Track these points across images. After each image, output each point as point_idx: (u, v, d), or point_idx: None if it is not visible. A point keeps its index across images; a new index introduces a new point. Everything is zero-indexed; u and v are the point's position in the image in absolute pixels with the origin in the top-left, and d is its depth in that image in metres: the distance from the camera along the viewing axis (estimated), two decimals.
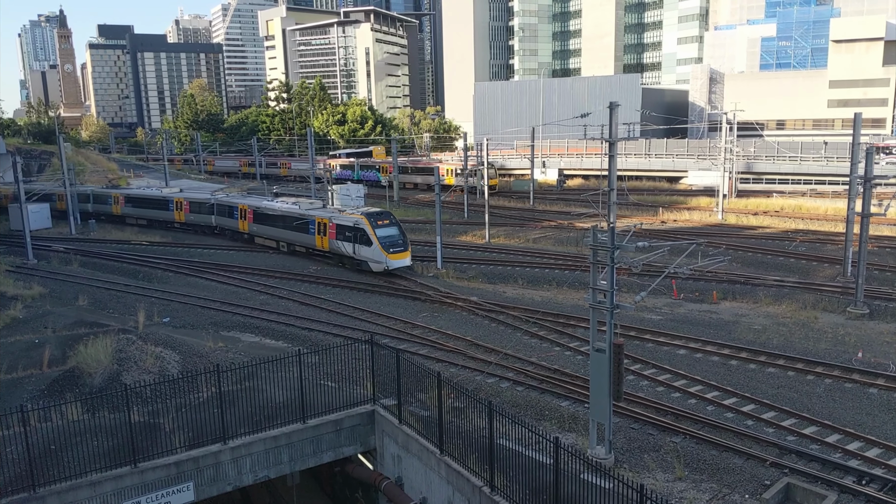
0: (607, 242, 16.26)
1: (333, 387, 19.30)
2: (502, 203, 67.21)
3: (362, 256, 38.21)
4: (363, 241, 37.85)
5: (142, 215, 59.49)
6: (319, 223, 41.41)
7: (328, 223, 40.77)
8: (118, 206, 61.34)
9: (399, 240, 38.13)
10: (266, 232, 47.20)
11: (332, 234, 40.32)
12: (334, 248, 40.54)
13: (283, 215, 45.07)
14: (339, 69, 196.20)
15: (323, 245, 41.41)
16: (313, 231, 41.93)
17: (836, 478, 16.04)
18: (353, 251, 38.70)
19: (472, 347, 25.99)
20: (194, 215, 54.59)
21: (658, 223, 52.30)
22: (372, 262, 37.80)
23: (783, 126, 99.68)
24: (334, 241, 40.30)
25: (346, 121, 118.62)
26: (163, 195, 57.89)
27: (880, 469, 16.41)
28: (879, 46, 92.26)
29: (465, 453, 16.19)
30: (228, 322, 29.72)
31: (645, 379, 22.37)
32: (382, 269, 37.33)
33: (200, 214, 54.16)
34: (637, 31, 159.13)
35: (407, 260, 37.98)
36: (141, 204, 59.59)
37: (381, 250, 37.20)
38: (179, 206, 55.57)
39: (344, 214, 40.29)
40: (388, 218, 39.07)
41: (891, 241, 42.26)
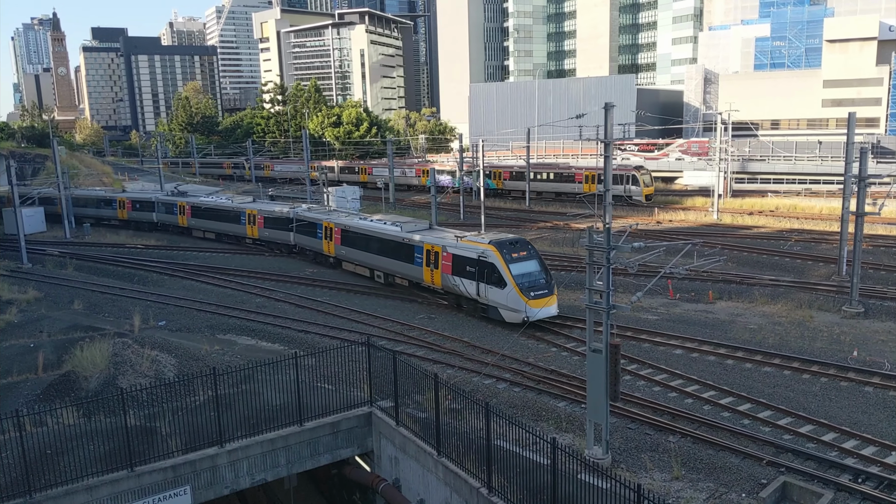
0: (603, 243, 16.29)
1: (330, 389, 19.27)
2: (498, 204, 67.27)
3: (490, 301, 28.67)
4: (492, 279, 28.38)
5: (209, 228, 53.15)
6: (429, 251, 32.24)
7: (441, 252, 31.30)
8: (184, 216, 55.02)
9: (542, 278, 28.57)
10: (357, 257, 38.50)
11: (447, 266, 30.84)
12: (449, 285, 30.90)
13: (379, 237, 36.06)
14: (333, 71, 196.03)
15: (433, 280, 31.97)
16: (419, 260, 32.83)
17: (832, 476, 16.09)
18: (476, 292, 29.19)
19: (469, 349, 26.00)
20: (269, 230, 46.76)
21: (654, 223, 52.41)
22: (504, 310, 28.30)
23: (778, 126, 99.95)
24: (449, 277, 30.68)
25: (342, 123, 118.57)
26: (233, 206, 50.60)
27: (876, 467, 16.47)
28: (873, 46, 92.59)
29: (463, 455, 16.19)
30: (224, 325, 29.66)
31: (641, 379, 22.41)
32: (520, 319, 27.19)
33: (276, 230, 46.21)
34: (632, 32, 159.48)
35: (553, 308, 28.06)
36: (209, 215, 52.69)
37: (519, 294, 27.60)
38: (252, 220, 48.15)
39: (464, 242, 30.38)
40: (524, 248, 29.23)
41: (885, 241, 42.42)
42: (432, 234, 33.70)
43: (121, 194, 62.59)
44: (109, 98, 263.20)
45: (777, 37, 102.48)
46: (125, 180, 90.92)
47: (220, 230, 51.62)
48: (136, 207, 59.58)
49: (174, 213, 56.05)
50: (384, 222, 37.29)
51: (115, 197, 62.10)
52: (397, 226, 35.71)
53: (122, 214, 60.55)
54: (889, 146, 76.67)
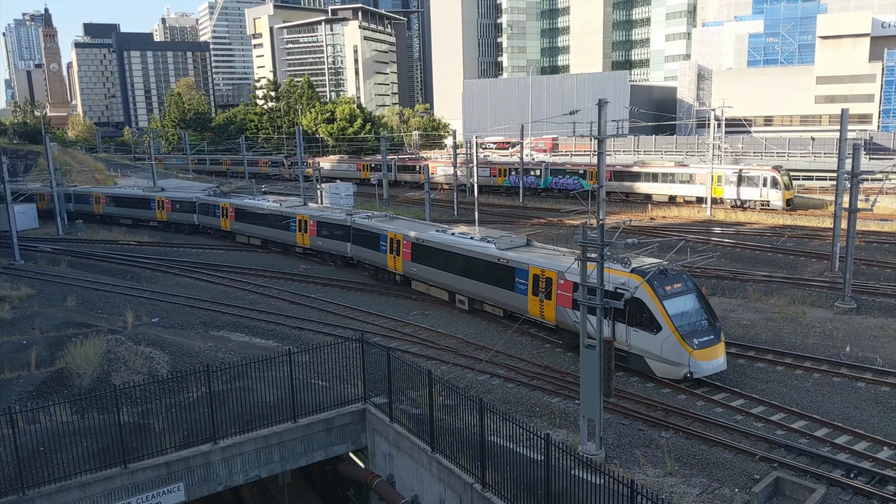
0: (597, 239, 16.31)
1: (324, 386, 19.26)
2: (492, 201, 67.28)
3: (635, 348, 21.93)
4: (639, 321, 21.65)
5: (254, 233, 48.12)
6: (537, 277, 25.44)
7: (555, 278, 24.68)
8: (227, 219, 50.49)
9: (705, 319, 21.72)
10: (433, 276, 31.87)
11: (565, 298, 24.20)
12: (568, 321, 24.17)
13: (465, 255, 29.53)
14: (327, 67, 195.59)
15: (543, 313, 25.46)
16: (523, 287, 26.31)
17: (824, 471, 16.20)
18: (610, 335, 21.87)
19: (463, 345, 26.03)
20: (323, 240, 41.09)
21: (647, 219, 52.53)
22: (656, 361, 21.44)
23: (771, 122, 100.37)
24: (569, 312, 24.01)
25: (335, 119, 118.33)
26: (282, 210, 44.99)
27: (868, 462, 16.58)
28: (865, 42, 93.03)
29: (457, 451, 16.21)
30: (218, 322, 29.59)
31: (635, 375, 22.47)
32: (681, 375, 20.82)
33: (331, 239, 40.43)
34: (625, 28, 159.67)
35: (722, 360, 21.18)
36: (255, 219, 47.49)
37: (680, 341, 20.69)
38: (303, 227, 42.65)
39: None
40: (679, 278, 22.31)
41: (878, 237, 42.64)
42: (536, 253, 27.25)
43: (159, 194, 58.25)
44: (102, 94, 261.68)
45: (770, 33, 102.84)
46: (118, 177, 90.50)
47: (267, 236, 46.34)
48: (175, 208, 55.79)
49: (216, 216, 51.54)
50: (470, 237, 30.73)
51: (152, 197, 58.05)
52: (489, 242, 28.82)
53: (161, 216, 56.84)
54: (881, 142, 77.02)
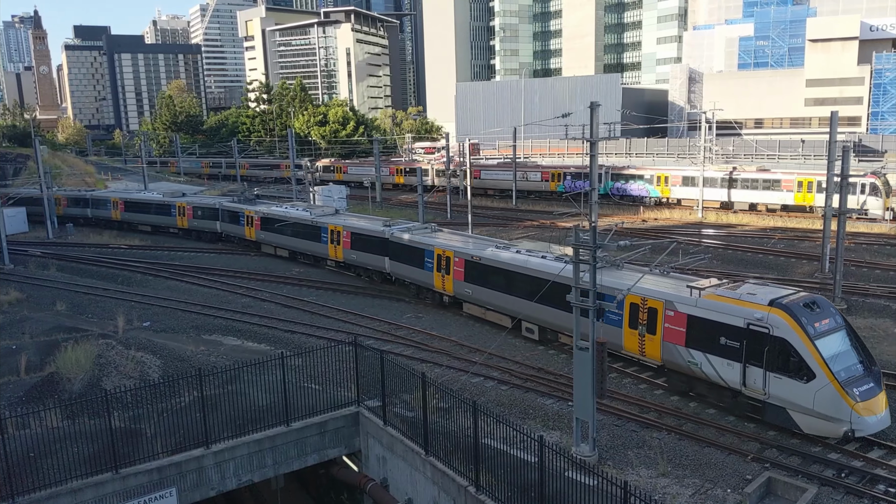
0: (589, 241, 16.36)
1: (317, 389, 19.21)
2: (485, 203, 67.35)
3: (776, 398, 17.78)
4: (782, 365, 17.61)
5: (282, 244, 44.24)
6: (636, 307, 21.54)
7: (661, 308, 20.63)
8: (252, 227, 47.02)
9: (861, 361, 17.91)
10: (492, 299, 27.99)
11: (676, 333, 20.15)
12: (679, 361, 20.23)
13: (534, 276, 25.38)
14: (319, 70, 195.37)
15: (645, 350, 21.45)
16: (616, 317, 22.14)
17: (816, 471, 16.30)
18: (741, 381, 18.44)
19: (457, 347, 26.02)
20: (358, 253, 37.20)
21: (639, 221, 52.71)
22: (807, 416, 17.34)
23: (761, 125, 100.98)
24: (680, 350, 20.09)
25: (328, 121, 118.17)
26: (312, 219, 40.91)
27: (858, 462, 16.69)
28: (854, 45, 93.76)
29: (451, 453, 16.20)
30: (210, 325, 29.46)
31: (628, 376, 22.54)
32: (840, 433, 16.83)
33: (367, 253, 36.42)
34: (617, 31, 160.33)
35: (885, 413, 17.21)
36: (282, 228, 43.30)
37: (840, 392, 16.82)
38: (336, 238, 38.63)
39: (715, 298, 19.38)
40: (826, 311, 18.42)
41: (867, 238, 42.96)
42: (631, 276, 22.33)
43: (180, 199, 55.50)
44: (92, 97, 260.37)
45: (760, 36, 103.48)
46: (108, 180, 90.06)
47: (295, 247, 42.97)
48: (197, 215, 53.11)
49: (240, 224, 48.36)
50: (541, 254, 26.28)
51: (173, 203, 55.25)
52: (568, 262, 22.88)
53: (182, 223, 54.31)
54: (870, 145, 77.65)
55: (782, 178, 53.75)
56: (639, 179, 62.43)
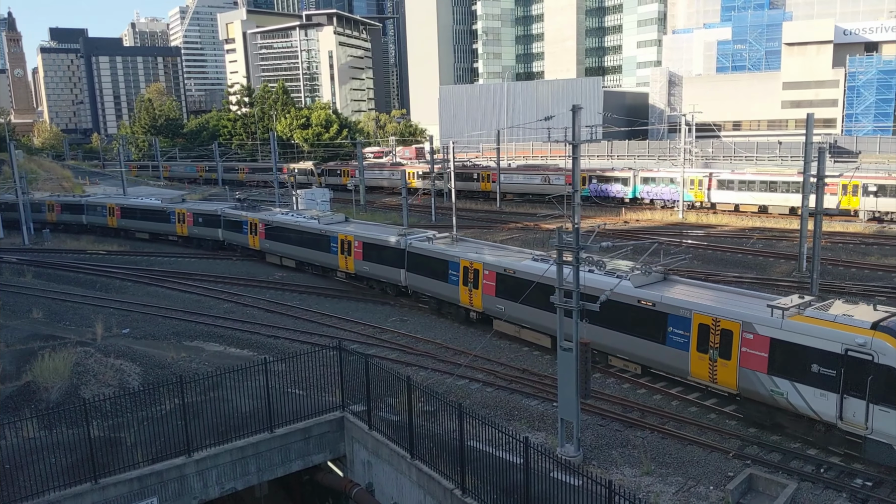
0: (572, 243, 16.44)
1: (301, 394, 19.07)
2: (469, 205, 67.45)
3: (885, 433, 15.91)
4: (889, 396, 15.88)
5: (288, 253, 41.75)
6: (706, 328, 19.29)
7: (738, 330, 18.54)
8: (255, 235, 44.58)
9: None
10: (534, 319, 25.04)
11: (756, 359, 18.17)
12: (760, 391, 18.15)
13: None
14: (301, 73, 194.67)
15: (718, 377, 19.20)
16: (680, 340, 20.06)
17: (796, 467, 16.50)
18: (837, 413, 16.59)
19: (442, 350, 25.99)
20: (371, 264, 34.62)
21: (621, 223, 53.07)
22: None
23: (739, 127, 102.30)
24: (762, 379, 18.09)
25: (311, 124, 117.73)
26: (320, 227, 38.42)
27: (837, 457, 16.91)
28: (829, 49, 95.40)
29: (437, 456, 16.16)
30: (191, 331, 29.15)
31: (611, 376, 22.66)
32: None
33: (381, 265, 33.95)
34: (598, 35, 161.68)
35: None
36: (288, 237, 41.16)
37: None
38: (347, 248, 36.16)
39: (805, 320, 17.48)
40: None
41: (843, 237, 43.64)
42: (693, 292, 20.91)
43: (180, 205, 53.06)
44: (69, 100, 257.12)
45: (738, 40, 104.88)
46: (86, 184, 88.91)
47: (303, 257, 40.43)
48: (198, 222, 50.67)
49: (243, 232, 45.94)
50: (587, 269, 22.85)
51: (172, 209, 52.86)
52: (620, 277, 22.21)
53: (182, 230, 51.84)
54: (845, 146, 78.98)
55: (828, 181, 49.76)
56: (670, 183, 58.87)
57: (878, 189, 48.18)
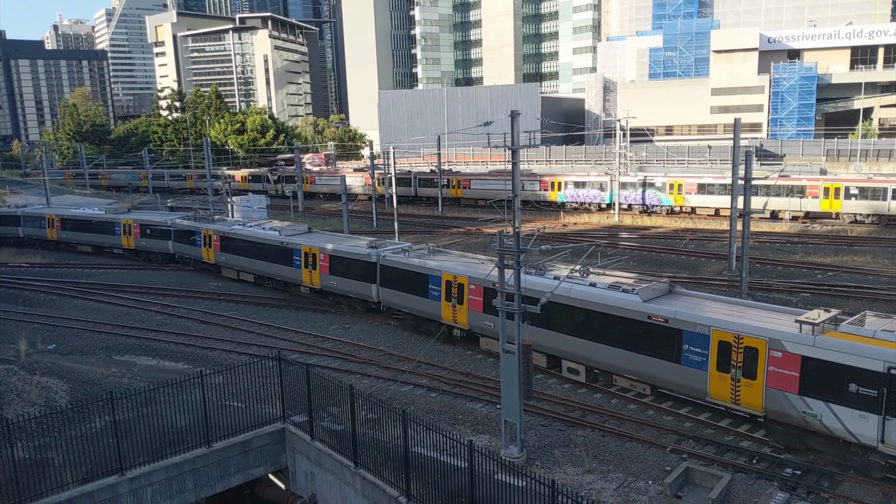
0: (513, 247, 16.62)
1: (240, 407, 18.58)
2: (411, 211, 67.38)
3: None
4: None
5: (247, 267, 39.30)
6: (728, 345, 18.31)
7: (764, 348, 17.58)
8: (210, 248, 41.87)
9: None
10: (539, 339, 22.54)
11: (785, 378, 17.29)
12: (788, 411, 17.37)
13: (586, 308, 21.82)
14: (236, 77, 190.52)
15: (741, 398, 18.26)
16: (698, 358, 18.99)
17: (730, 459, 17.13)
18: (881, 436, 15.83)
19: (386, 357, 25.84)
20: (339, 278, 32.69)
21: (560, 226, 54.06)
22: None
23: (671, 132, 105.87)
24: (790, 399, 17.20)
25: (246, 130, 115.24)
26: (282, 239, 36.24)
27: (768, 448, 17.66)
28: (754, 56, 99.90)
29: (381, 464, 16.02)
30: (122, 346, 28.03)
31: (553, 377, 23.00)
32: None
33: (351, 279, 32.00)
34: (535, 42, 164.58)
35: None
36: (247, 250, 38.89)
37: None
38: (312, 261, 34.28)
39: (852, 339, 16.46)
40: None
41: (770, 237, 45.74)
42: (703, 305, 20.42)
43: (125, 216, 49.84)
44: None
45: (669, 47, 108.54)
46: (6, 194, 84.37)
47: (262, 271, 38.17)
48: (145, 234, 47.52)
49: (196, 244, 43.18)
50: (589, 282, 22.36)
51: (117, 220, 49.49)
52: (627, 291, 21.09)
53: (128, 242, 48.82)
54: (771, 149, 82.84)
55: (807, 184, 51.18)
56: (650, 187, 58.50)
57: (860, 192, 48.91)
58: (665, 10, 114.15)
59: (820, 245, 42.42)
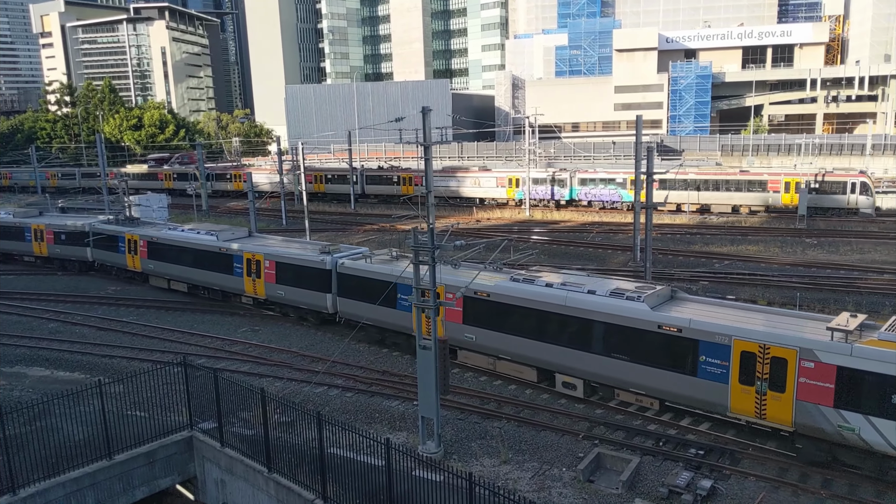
0: (427, 243, 16.59)
1: (144, 416, 17.61)
2: (322, 208, 66.19)
3: None
4: None
5: (181, 276, 35.78)
6: (753, 356, 17.13)
7: (794, 358, 16.49)
8: (136, 255, 38.13)
9: None
10: (516, 349, 22.18)
11: (818, 390, 16.29)
12: (820, 425, 16.40)
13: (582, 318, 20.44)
14: (131, 70, 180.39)
15: (767, 412, 17.15)
16: (718, 371, 17.66)
17: (638, 443, 17.87)
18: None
19: (298, 358, 25.24)
20: (287, 287, 29.90)
21: (473, 222, 54.70)
22: None
23: (578, 128, 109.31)
24: (824, 412, 16.25)
25: (143, 125, 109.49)
26: (220, 245, 33.23)
27: (673, 430, 18.54)
28: (654, 55, 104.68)
29: (296, 468, 15.62)
30: (10, 356, 25.97)
31: (469, 370, 23.20)
32: None
33: (302, 288, 29.28)
34: (444, 38, 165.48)
35: None
36: (179, 256, 35.43)
37: None
38: (256, 269, 31.28)
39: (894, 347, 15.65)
40: None
41: (672, 228, 48.12)
42: (716, 312, 18.99)
43: (36, 220, 45.05)
44: None
45: (574, 46, 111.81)
46: None
47: (197, 280, 34.63)
48: (60, 240, 42.84)
49: (119, 251, 39.08)
50: (584, 288, 20.80)
51: (26, 224, 44.61)
52: (629, 298, 19.72)
53: (41, 249, 44.05)
54: (670, 145, 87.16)
55: (768, 179, 52.18)
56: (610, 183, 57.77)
57: (820, 186, 50.27)
58: (569, 9, 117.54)
59: (717, 235, 45.04)
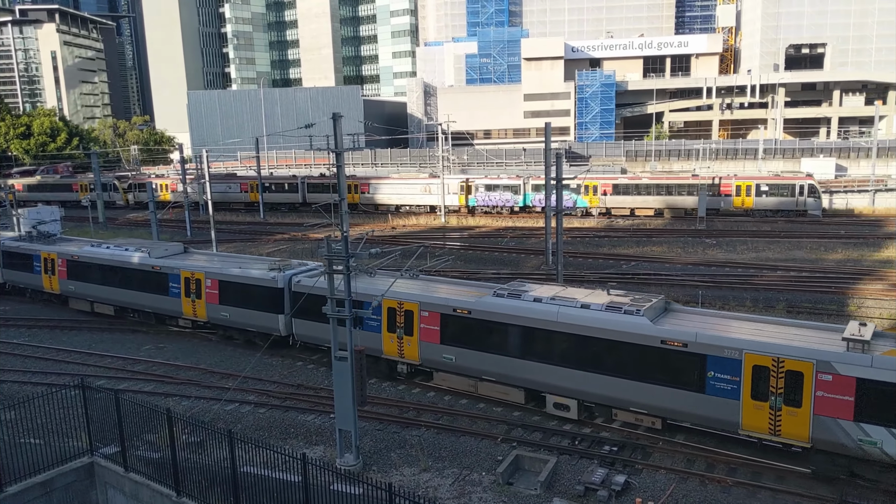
0: (342, 251, 16.31)
1: (38, 444, 16.33)
2: (230, 218, 64.00)
3: None
4: None
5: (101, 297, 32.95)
6: (766, 371, 16.55)
7: (810, 371, 16.12)
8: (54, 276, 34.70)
9: None
10: (496, 368, 20.79)
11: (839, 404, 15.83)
12: (843, 441, 15.92)
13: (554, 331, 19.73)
14: (18, 75, 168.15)
15: (782, 428, 16.57)
16: (728, 386, 17.00)
17: (555, 443, 18.24)
18: None
19: (207, 375, 24.22)
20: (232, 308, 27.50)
21: (389, 229, 54.48)
22: None
23: (490, 135, 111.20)
24: (847, 427, 15.81)
25: (33, 133, 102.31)
26: (154, 264, 30.21)
27: (588, 428, 19.07)
28: (560, 64, 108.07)
29: (207, 490, 14.91)
30: None
31: (386, 380, 22.98)
32: None
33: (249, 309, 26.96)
34: (354, 44, 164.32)
35: None
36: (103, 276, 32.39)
37: None
38: (196, 289, 28.65)
39: None
40: None
41: (581, 232, 49.74)
42: (719, 323, 18.44)
43: None
44: None
45: (483, 54, 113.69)
46: None
47: (126, 302, 31.54)
48: None
49: (35, 271, 35.68)
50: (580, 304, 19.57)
51: None
52: (628, 312, 18.64)
53: None
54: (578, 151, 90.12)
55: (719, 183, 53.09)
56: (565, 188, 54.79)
57: (770, 189, 51.79)
58: (478, 17, 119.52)
59: (624, 238, 46.94)
